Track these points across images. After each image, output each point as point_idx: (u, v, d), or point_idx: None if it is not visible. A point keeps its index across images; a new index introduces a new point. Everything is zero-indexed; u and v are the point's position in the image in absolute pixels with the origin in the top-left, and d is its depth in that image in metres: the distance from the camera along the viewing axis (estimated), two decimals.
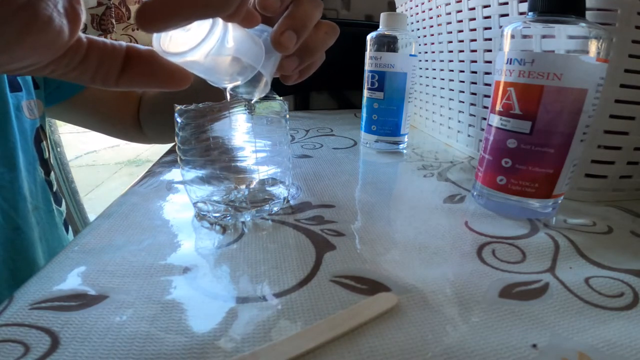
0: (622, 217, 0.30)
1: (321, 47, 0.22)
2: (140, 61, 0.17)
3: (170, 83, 0.18)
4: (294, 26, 0.19)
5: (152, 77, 0.17)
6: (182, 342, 0.17)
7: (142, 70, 0.17)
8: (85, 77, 0.16)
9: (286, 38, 0.19)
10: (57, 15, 0.13)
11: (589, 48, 0.25)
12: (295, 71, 0.23)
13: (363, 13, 0.90)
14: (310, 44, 0.21)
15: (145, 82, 0.17)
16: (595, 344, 0.17)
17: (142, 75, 0.17)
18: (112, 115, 0.47)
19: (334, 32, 0.23)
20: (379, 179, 0.39)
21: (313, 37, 0.21)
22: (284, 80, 0.23)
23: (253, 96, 0.23)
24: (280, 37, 0.19)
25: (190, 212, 0.30)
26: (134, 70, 0.17)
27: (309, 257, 0.24)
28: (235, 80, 0.20)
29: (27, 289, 0.20)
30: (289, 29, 0.19)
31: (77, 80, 0.16)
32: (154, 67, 0.17)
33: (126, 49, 0.17)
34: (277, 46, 0.19)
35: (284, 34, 0.19)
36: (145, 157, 2.94)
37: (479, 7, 0.41)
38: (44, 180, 0.39)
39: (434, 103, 0.57)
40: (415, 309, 0.19)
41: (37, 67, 0.15)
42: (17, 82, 0.35)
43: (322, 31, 0.22)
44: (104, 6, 1.07)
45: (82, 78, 0.16)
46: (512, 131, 0.28)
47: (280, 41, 0.19)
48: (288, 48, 0.20)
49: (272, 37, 0.19)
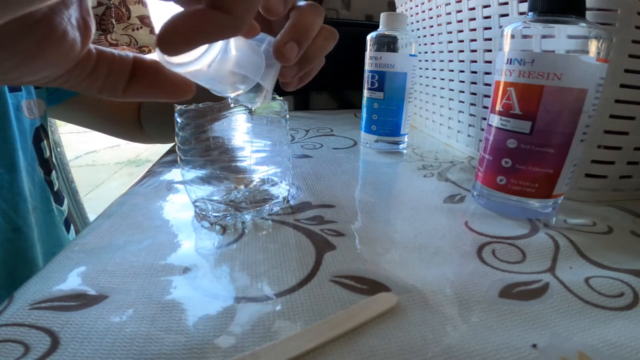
0: (622, 217, 0.30)
1: (320, 54, 0.22)
2: (146, 72, 0.17)
3: (175, 94, 0.18)
4: (296, 37, 0.20)
5: (157, 88, 0.18)
6: (182, 342, 0.17)
7: (148, 82, 0.17)
8: (94, 88, 0.16)
9: (288, 49, 0.19)
10: (70, 28, 0.13)
11: (589, 48, 0.25)
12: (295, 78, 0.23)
13: (363, 13, 0.90)
14: (309, 52, 0.22)
15: (150, 92, 0.18)
16: (595, 344, 0.17)
17: (148, 86, 0.17)
18: (113, 115, 0.47)
19: (333, 37, 0.23)
20: (379, 179, 0.39)
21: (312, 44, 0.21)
22: (284, 87, 0.23)
23: (255, 104, 0.23)
24: (282, 48, 0.19)
25: (190, 212, 0.30)
26: (140, 81, 0.17)
27: (309, 257, 0.24)
28: (238, 90, 0.21)
29: (27, 289, 0.20)
30: (291, 40, 0.19)
31: (86, 91, 0.16)
32: (159, 78, 0.17)
33: (133, 59, 0.17)
34: (279, 57, 0.20)
35: (286, 45, 0.19)
36: (145, 157, 2.94)
37: (479, 7, 0.41)
38: (44, 180, 0.39)
39: (434, 103, 0.57)
40: (415, 309, 0.19)
41: (49, 79, 0.15)
42: None
43: (321, 37, 0.22)
44: (104, 6, 1.07)
45: (91, 89, 0.16)
46: (512, 131, 0.28)
47: (282, 52, 0.19)
48: (290, 60, 0.20)
49: (274, 48, 0.20)
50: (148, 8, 1.15)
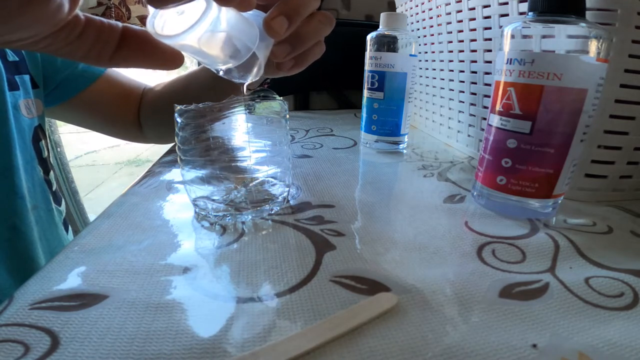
0: (622, 217, 0.30)
1: (314, 36, 0.22)
2: (135, 41, 0.18)
3: (163, 63, 0.18)
4: (286, 12, 0.20)
5: (145, 56, 0.18)
6: (182, 342, 0.17)
7: (136, 50, 0.18)
8: (79, 53, 0.17)
9: (277, 23, 0.19)
10: None
11: (589, 48, 0.25)
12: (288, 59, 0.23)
13: (363, 13, 0.90)
14: (303, 32, 0.22)
15: (138, 61, 0.18)
16: (595, 344, 0.17)
17: (135, 55, 0.18)
18: (112, 116, 0.47)
19: (328, 21, 0.22)
20: (379, 179, 0.39)
21: (306, 25, 0.21)
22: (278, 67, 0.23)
23: (246, 79, 0.23)
24: (271, 21, 0.19)
25: (190, 212, 0.30)
26: (128, 49, 0.17)
27: (309, 257, 0.24)
28: (228, 63, 0.20)
29: (27, 289, 0.20)
30: (281, 14, 0.19)
31: (70, 55, 0.17)
32: (147, 47, 0.18)
33: (122, 29, 0.17)
34: (268, 30, 0.20)
35: (276, 18, 0.19)
36: (145, 157, 2.94)
37: (479, 7, 0.41)
38: (43, 179, 0.39)
39: (434, 103, 0.57)
40: (415, 309, 0.19)
41: (34, 39, 0.15)
42: (14, 81, 0.35)
43: (315, 19, 0.22)
44: (104, 6, 1.07)
45: (75, 53, 0.17)
46: (512, 131, 0.28)
47: (271, 25, 0.19)
48: (279, 33, 0.20)
49: (264, 21, 0.20)
50: (148, 8, 1.15)
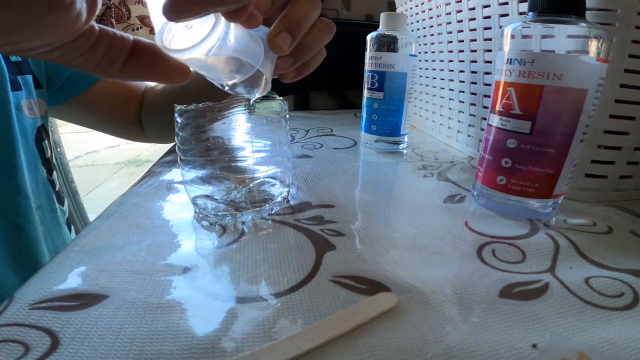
0: (622, 217, 0.30)
1: (315, 45, 0.22)
2: (145, 54, 0.18)
3: (170, 77, 0.19)
4: (289, 27, 0.20)
5: (153, 69, 0.18)
6: (182, 342, 0.17)
7: (145, 63, 0.18)
8: (91, 64, 0.17)
9: (281, 39, 0.19)
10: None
11: (589, 48, 0.25)
12: (291, 69, 0.23)
13: (363, 13, 0.90)
14: (304, 43, 0.21)
15: (147, 74, 0.18)
16: (595, 344, 0.17)
17: (144, 67, 0.18)
18: (114, 115, 0.47)
19: (328, 29, 0.22)
20: (379, 179, 0.39)
21: (307, 36, 0.21)
22: (281, 78, 0.23)
23: (254, 95, 0.23)
24: (275, 38, 0.19)
25: (190, 212, 0.30)
26: (138, 62, 0.18)
27: (309, 257, 0.24)
28: (234, 78, 0.20)
29: (27, 289, 0.20)
30: (284, 30, 0.19)
31: (82, 66, 0.17)
32: (155, 61, 0.18)
33: (133, 41, 0.18)
34: (272, 47, 0.20)
35: (279, 35, 0.19)
36: (145, 157, 2.94)
37: (479, 7, 0.41)
38: (47, 179, 0.39)
39: (434, 103, 0.57)
40: (415, 309, 0.19)
41: (50, 48, 0.15)
42: (17, 81, 0.35)
43: (316, 29, 0.22)
44: (104, 6, 1.07)
45: (87, 65, 0.17)
46: (512, 131, 0.28)
47: (275, 42, 0.19)
48: (283, 49, 0.20)
49: (267, 37, 0.19)
50: (148, 8, 1.15)
